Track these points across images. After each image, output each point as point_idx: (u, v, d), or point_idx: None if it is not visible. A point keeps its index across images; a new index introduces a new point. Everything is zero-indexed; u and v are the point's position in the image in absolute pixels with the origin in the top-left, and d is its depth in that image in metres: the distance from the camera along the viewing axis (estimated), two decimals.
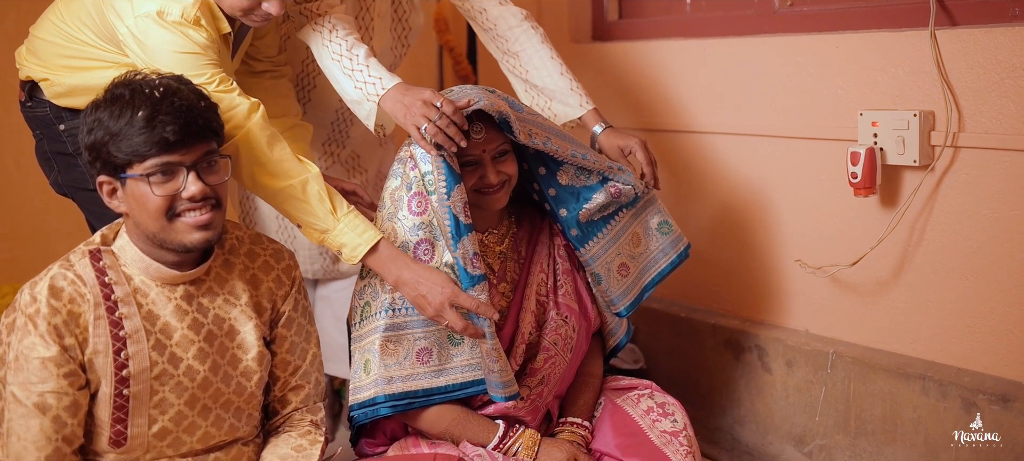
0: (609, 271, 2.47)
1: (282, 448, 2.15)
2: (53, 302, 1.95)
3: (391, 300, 2.27)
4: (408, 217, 2.28)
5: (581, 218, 2.42)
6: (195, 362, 2.06)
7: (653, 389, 2.50)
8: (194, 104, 1.97)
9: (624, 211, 2.50)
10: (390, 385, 2.27)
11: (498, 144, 2.29)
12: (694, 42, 3.21)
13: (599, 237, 2.46)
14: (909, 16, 2.62)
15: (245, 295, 2.15)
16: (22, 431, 1.94)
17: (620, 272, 2.49)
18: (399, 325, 2.28)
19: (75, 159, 2.42)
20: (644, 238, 2.54)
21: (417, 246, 2.27)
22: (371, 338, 2.29)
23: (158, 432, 2.04)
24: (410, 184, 2.29)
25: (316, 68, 2.78)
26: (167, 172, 1.94)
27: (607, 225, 2.47)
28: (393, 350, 2.27)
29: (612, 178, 2.43)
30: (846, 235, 2.80)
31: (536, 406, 2.40)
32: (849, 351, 2.81)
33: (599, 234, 2.46)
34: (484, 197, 2.31)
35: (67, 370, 1.95)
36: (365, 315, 2.32)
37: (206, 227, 1.99)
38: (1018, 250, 2.46)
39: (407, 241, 2.27)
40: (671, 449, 2.34)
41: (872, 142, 2.61)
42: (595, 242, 2.45)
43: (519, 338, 2.38)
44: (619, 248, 2.49)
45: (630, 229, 2.52)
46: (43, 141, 2.51)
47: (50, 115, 2.45)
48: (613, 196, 2.43)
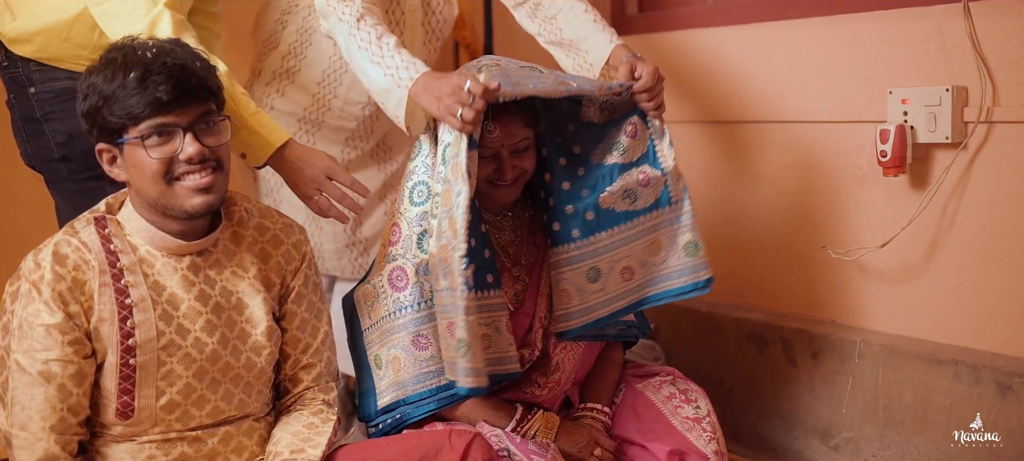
0: (611, 269, 2.31)
1: (293, 426, 2.10)
2: (57, 269, 1.91)
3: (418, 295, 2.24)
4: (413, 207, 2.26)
5: (601, 204, 2.29)
6: (203, 334, 2.01)
7: (675, 375, 2.44)
8: (188, 64, 1.92)
9: (653, 212, 2.31)
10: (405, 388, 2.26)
11: (518, 139, 2.24)
12: (715, 31, 3.18)
13: (615, 230, 2.31)
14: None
15: (253, 268, 2.10)
16: (26, 400, 1.89)
17: (623, 275, 2.33)
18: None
19: (42, 125, 2.40)
20: (666, 249, 2.34)
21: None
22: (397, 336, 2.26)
23: (166, 404, 1.98)
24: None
25: (343, 65, 2.74)
26: (163, 134, 1.90)
27: (629, 221, 2.31)
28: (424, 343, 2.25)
29: (610, 94, 2.29)
30: (875, 218, 2.75)
31: (553, 393, 2.35)
32: (877, 340, 2.74)
33: (617, 226, 2.30)
34: (496, 189, 2.27)
35: (72, 337, 1.90)
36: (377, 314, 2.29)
37: (207, 190, 1.94)
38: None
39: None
40: (694, 435, 2.29)
41: (902, 120, 2.56)
42: (608, 234, 2.30)
43: (536, 323, 2.33)
44: (632, 249, 2.32)
45: (653, 234, 2.32)
46: (15, 107, 2.48)
47: (23, 75, 2.42)
48: (629, 136, 2.28)
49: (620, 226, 2.29)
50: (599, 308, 2.31)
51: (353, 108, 2.83)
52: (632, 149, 2.30)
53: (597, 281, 2.29)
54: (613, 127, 2.32)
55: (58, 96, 2.40)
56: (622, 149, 2.29)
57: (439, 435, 2.05)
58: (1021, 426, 2.43)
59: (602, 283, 2.30)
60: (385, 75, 2.25)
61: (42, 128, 2.41)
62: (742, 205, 3.13)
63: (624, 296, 2.34)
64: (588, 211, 2.28)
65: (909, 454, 2.64)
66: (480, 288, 2.18)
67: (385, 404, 2.28)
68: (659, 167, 2.28)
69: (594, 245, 2.29)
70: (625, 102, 2.31)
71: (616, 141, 2.31)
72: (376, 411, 2.30)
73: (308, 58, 2.80)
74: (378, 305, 2.28)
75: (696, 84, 3.23)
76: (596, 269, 2.29)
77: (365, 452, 2.06)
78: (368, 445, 2.12)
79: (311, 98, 2.82)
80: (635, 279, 2.34)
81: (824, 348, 2.86)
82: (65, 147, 2.39)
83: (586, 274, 2.29)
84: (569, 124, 2.37)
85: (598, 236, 2.29)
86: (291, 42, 2.80)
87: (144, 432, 1.99)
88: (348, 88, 2.79)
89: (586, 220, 2.28)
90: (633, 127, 2.30)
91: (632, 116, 2.30)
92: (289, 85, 2.82)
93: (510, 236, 2.38)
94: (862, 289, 2.83)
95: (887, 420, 2.70)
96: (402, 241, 2.25)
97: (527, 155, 2.27)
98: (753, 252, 3.13)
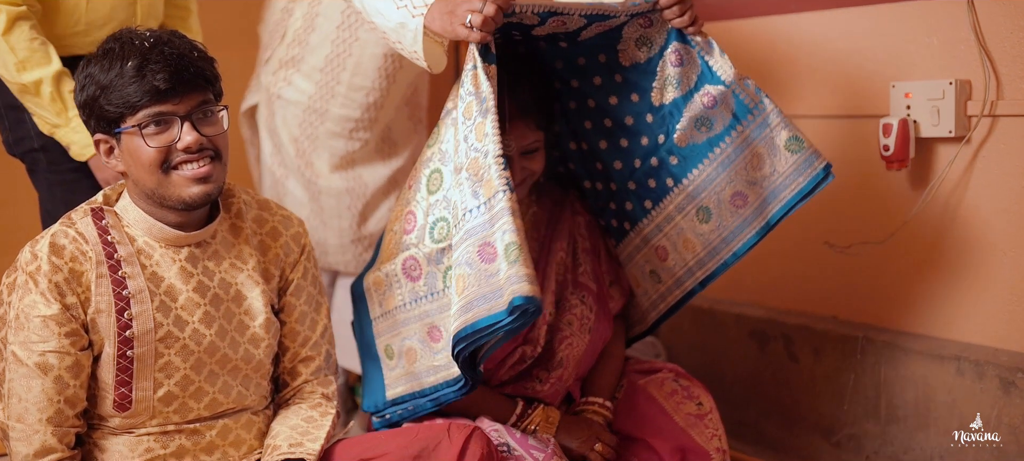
0: (719, 203, 2.22)
1: (292, 419, 2.08)
2: (54, 260, 1.89)
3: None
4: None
5: (678, 143, 2.21)
6: (201, 326, 2.00)
7: (678, 372, 2.43)
8: (186, 53, 1.92)
9: (736, 128, 2.20)
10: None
11: (528, 141, 2.23)
12: (717, 26, 3.14)
13: (705, 164, 2.22)
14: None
15: (252, 260, 2.09)
16: (23, 392, 1.88)
17: (734, 202, 2.23)
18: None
19: (23, 114, 2.38)
20: (769, 157, 2.22)
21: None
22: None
23: (164, 397, 1.97)
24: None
25: (347, 49, 2.74)
26: (160, 122, 1.89)
27: (715, 147, 2.21)
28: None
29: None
30: (877, 212, 2.73)
31: (555, 388, 2.33)
32: (879, 336, 2.72)
33: (705, 160, 2.22)
34: None
35: (69, 329, 1.89)
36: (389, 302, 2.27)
37: (205, 180, 1.93)
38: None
39: None
40: (696, 431, 2.28)
41: (905, 113, 2.54)
42: (699, 170, 2.22)
43: (540, 319, 2.31)
44: (733, 174, 2.21)
45: (748, 149, 2.21)
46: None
47: None
48: (675, 65, 2.16)
49: (709, 157, 2.23)
50: (723, 247, 2.28)
51: (357, 94, 2.82)
52: (686, 76, 2.21)
53: (709, 221, 2.24)
54: (658, 61, 2.22)
55: None
56: (676, 81, 2.21)
57: (438, 429, 2.04)
58: (988, 445, 2.43)
59: (716, 221, 2.24)
60: (397, 7, 2.10)
61: (24, 116, 2.39)
62: None
63: (748, 224, 2.28)
64: (672, 155, 2.24)
65: (911, 451, 2.63)
66: None
67: (396, 395, 2.26)
68: (720, 81, 2.18)
69: (690, 187, 2.24)
70: (660, 29, 2.20)
71: (667, 76, 2.21)
72: (386, 402, 2.28)
73: (311, 44, 2.79)
74: (391, 294, 2.25)
75: None
76: (705, 208, 2.24)
77: (364, 446, 2.05)
78: (367, 439, 2.11)
79: (315, 85, 2.82)
80: (750, 204, 2.26)
81: (825, 344, 2.84)
82: (45, 137, 2.37)
83: (696, 215, 2.25)
84: (600, 97, 2.33)
85: (691, 176, 2.25)
86: (296, 29, 2.80)
87: (142, 424, 1.97)
88: (352, 73, 2.79)
89: (672, 165, 2.24)
90: (677, 54, 2.19)
91: (672, 43, 2.19)
92: (295, 74, 2.83)
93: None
94: (865, 285, 2.81)
95: (889, 416, 2.68)
96: (417, 230, 2.20)
97: (536, 157, 2.26)
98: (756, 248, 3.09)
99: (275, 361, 2.16)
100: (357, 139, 2.89)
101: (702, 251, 2.33)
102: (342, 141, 2.87)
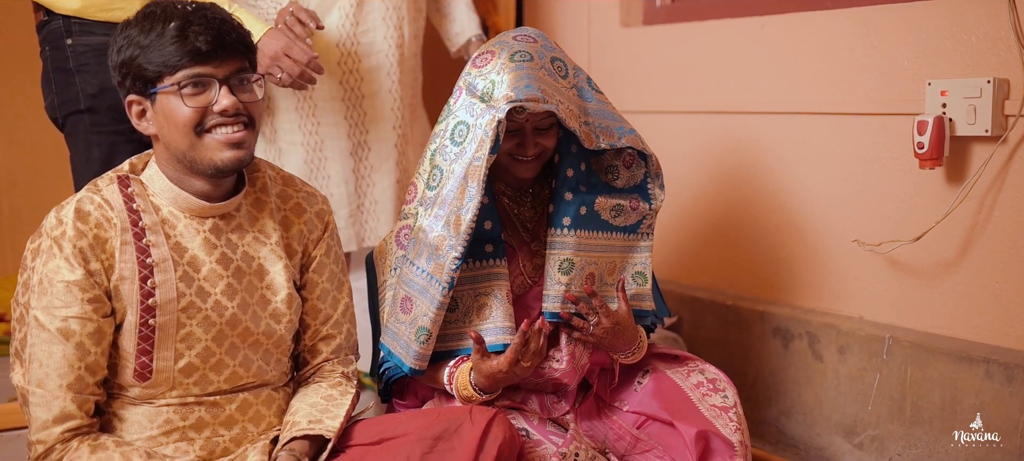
0: (582, 269, 2.27)
1: (312, 397, 2.08)
2: (79, 225, 1.89)
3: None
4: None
5: (594, 206, 2.28)
6: (223, 297, 1.99)
7: (703, 364, 2.40)
8: (227, 18, 1.94)
9: (631, 234, 2.35)
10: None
11: (542, 116, 2.22)
12: (749, 20, 3.13)
13: (598, 234, 2.30)
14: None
15: (275, 235, 2.08)
16: (45, 357, 1.87)
17: (588, 281, 2.29)
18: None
19: (73, 77, 2.46)
20: (619, 272, 2.36)
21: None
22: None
23: (184, 368, 1.96)
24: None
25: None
26: (198, 84, 1.89)
27: (610, 232, 2.32)
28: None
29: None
30: (909, 211, 2.69)
31: (573, 367, 2.29)
32: (907, 336, 2.68)
33: (601, 232, 2.30)
34: (516, 163, 2.26)
35: (92, 295, 1.88)
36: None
37: (238, 146, 1.93)
38: None
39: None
40: (721, 423, 2.25)
41: (941, 111, 2.50)
42: (589, 235, 2.29)
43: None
44: (601, 259, 2.31)
45: (620, 254, 2.35)
46: (48, 59, 2.55)
47: (61, 28, 2.50)
48: (626, 166, 2.34)
49: (603, 233, 2.30)
50: (557, 302, 2.27)
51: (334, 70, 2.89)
52: (628, 178, 2.35)
53: (569, 273, 2.25)
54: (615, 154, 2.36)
55: (93, 50, 2.49)
56: (618, 176, 2.35)
57: (460, 411, 2.03)
58: (987, 445, 2.41)
59: (569, 279, 2.25)
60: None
61: (73, 79, 2.46)
62: (771, 197, 3.08)
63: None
64: (582, 205, 2.27)
65: (936, 453, 2.58)
66: (478, 259, 2.22)
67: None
68: (649, 203, 2.35)
69: (575, 238, 2.27)
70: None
71: (615, 165, 2.35)
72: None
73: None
74: (389, 259, 2.32)
75: (729, 75, 3.19)
76: (570, 261, 2.26)
77: (384, 426, 2.03)
78: (387, 419, 2.10)
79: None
80: (592, 288, 2.30)
81: (851, 343, 2.80)
82: (94, 98, 2.46)
83: (559, 264, 2.26)
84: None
85: (581, 233, 2.27)
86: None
87: (161, 395, 1.97)
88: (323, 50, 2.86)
89: (579, 214, 2.27)
90: (631, 158, 2.35)
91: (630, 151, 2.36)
92: None
93: (530, 212, 2.37)
94: (893, 284, 2.77)
95: (914, 418, 2.64)
96: (416, 201, 2.28)
97: (550, 133, 2.25)
98: (783, 245, 3.07)
99: (296, 338, 2.15)
100: (356, 123, 2.98)
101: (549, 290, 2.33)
102: (344, 128, 2.98)
